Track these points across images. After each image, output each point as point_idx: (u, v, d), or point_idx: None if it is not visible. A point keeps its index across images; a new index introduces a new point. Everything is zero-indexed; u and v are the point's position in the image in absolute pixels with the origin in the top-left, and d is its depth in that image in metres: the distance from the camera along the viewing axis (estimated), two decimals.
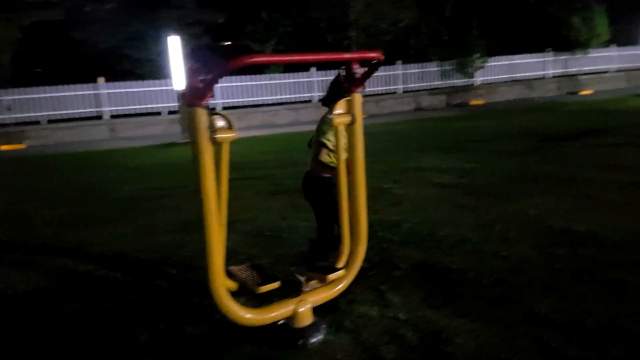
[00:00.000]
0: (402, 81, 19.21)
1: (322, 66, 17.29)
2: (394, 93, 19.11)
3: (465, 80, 19.49)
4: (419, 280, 3.84)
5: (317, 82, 17.69)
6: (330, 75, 17.53)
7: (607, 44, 20.95)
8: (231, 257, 3.71)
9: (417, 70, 19.34)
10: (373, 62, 3.03)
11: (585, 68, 20.84)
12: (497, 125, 12.76)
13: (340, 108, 3.11)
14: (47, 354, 3.19)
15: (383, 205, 5.96)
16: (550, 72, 20.92)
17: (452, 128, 12.95)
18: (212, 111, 2.61)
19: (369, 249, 4.40)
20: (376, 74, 18.88)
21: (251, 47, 18.31)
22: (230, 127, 2.70)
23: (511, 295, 3.48)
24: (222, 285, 2.62)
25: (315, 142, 3.52)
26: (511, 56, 20.31)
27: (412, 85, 19.35)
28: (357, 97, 3.14)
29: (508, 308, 3.32)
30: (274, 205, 6.35)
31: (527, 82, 20.44)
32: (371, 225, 5.25)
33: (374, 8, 16.69)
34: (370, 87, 18.59)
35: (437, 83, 19.53)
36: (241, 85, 17.01)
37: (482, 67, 19.31)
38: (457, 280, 3.80)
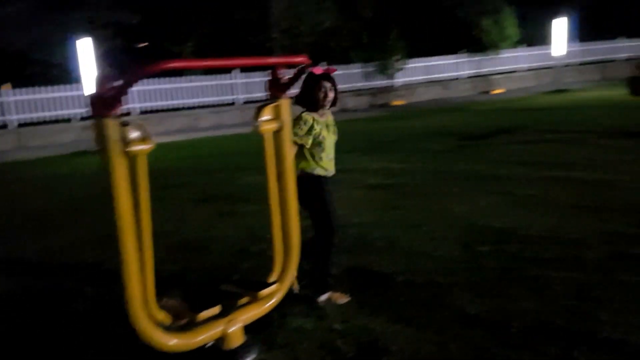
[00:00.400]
0: None
1: (245, 68, 17.02)
2: None
3: (387, 81, 19.94)
4: (352, 286, 3.77)
5: (240, 84, 17.39)
6: (254, 77, 17.32)
7: (516, 45, 22.23)
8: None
9: (340, 72, 19.50)
10: (300, 66, 2.92)
11: (497, 68, 22.00)
12: (418, 125, 13.12)
13: (267, 114, 2.96)
14: None
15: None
16: (465, 72, 21.89)
17: (378, 129, 13.16)
18: (124, 121, 2.37)
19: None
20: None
21: (170, 49, 17.69)
22: (145, 137, 2.47)
23: (442, 297, 3.50)
24: (142, 311, 2.39)
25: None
26: (428, 58, 21.03)
27: (337, 87, 19.45)
28: (285, 103, 3.02)
29: (440, 310, 3.33)
30: (199, 215, 6.08)
31: (444, 83, 21.26)
32: (301, 232, 5.19)
33: (295, 10, 16.65)
34: (294, 88, 18.59)
35: (361, 84, 19.85)
36: (160, 88, 16.37)
37: (402, 69, 19.85)
38: (389, 284, 3.77)
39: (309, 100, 3.47)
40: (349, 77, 19.54)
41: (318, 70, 3.45)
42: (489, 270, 3.88)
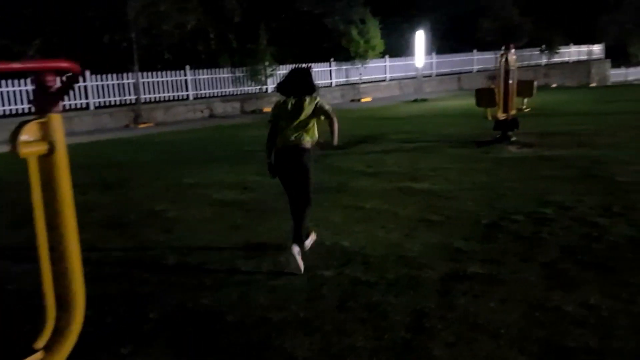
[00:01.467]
0: (192, 87, 18.43)
1: (97, 70, 15.66)
2: (185, 99, 18.24)
3: (258, 87, 19.53)
4: (173, 332, 3.23)
5: (91, 87, 15.97)
6: (106, 81, 15.97)
7: (381, 55, 23.05)
8: None
9: (208, 76, 18.75)
10: (69, 74, 2.31)
11: (365, 77, 22.62)
12: None
13: (28, 134, 2.31)
14: None
15: (149, 235, 5.22)
16: (335, 80, 22.23)
17: (244, 136, 12.65)
18: None
19: (113, 297, 3.65)
20: (164, 78, 17.94)
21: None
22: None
23: (272, 338, 3.09)
24: None
25: (304, 120, 4.18)
26: (300, 65, 21.02)
27: (204, 91, 18.70)
28: (56, 119, 2.39)
29: (268, 355, 2.92)
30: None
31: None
32: (125, 263, 4.52)
33: (155, 8, 15.56)
34: (159, 92, 17.45)
35: (230, 90, 19.22)
36: None
37: (273, 75, 19.58)
38: (217, 325, 3.29)
39: (311, 86, 4.29)
40: (216, 81, 18.84)
41: None
42: (329, 300, 3.57)
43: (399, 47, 24.77)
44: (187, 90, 18.33)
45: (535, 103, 10.25)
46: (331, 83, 22.13)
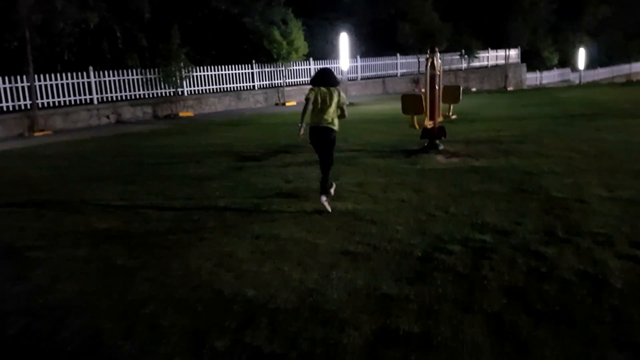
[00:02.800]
0: (97, 90, 16.72)
1: None
2: (89, 104, 16.50)
3: (173, 90, 18.13)
4: None
5: None
6: None
7: (306, 58, 22.27)
8: None
9: (115, 78, 17.10)
10: None
11: (289, 80, 21.75)
12: (199, 141, 11.69)
13: None
14: None
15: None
16: (258, 83, 21.20)
17: (148, 146, 11.34)
18: None
19: None
20: (63, 81, 16.05)
21: None
22: None
23: None
24: None
25: (334, 108, 5.73)
26: (220, 66, 19.80)
27: (111, 94, 17.03)
28: None
29: None
30: None
31: (237, 93, 20.24)
32: None
33: (50, 4, 13.80)
34: (58, 96, 15.63)
35: (141, 93, 17.66)
36: None
37: (188, 77, 18.25)
38: None
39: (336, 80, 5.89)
40: (125, 84, 17.24)
41: None
42: None
43: (323, 50, 24.13)
44: (90, 94, 16.60)
45: (457, 108, 9.79)
46: (254, 86, 21.05)
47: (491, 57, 33.43)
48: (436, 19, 29.20)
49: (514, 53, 35.69)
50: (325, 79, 5.80)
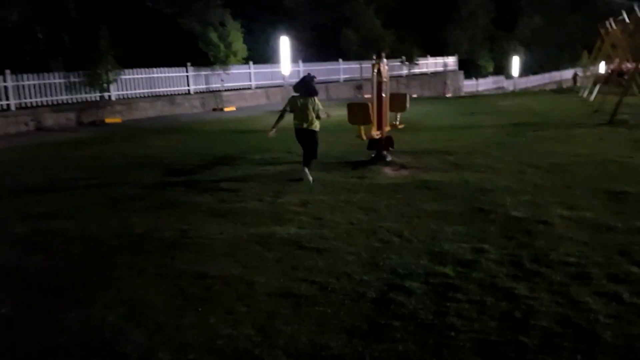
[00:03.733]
0: (15, 95, 15.18)
1: None
2: (6, 110, 14.95)
3: (99, 94, 16.78)
4: None
5: None
6: None
7: (245, 61, 21.38)
8: None
9: (35, 82, 15.60)
10: None
11: (227, 84, 20.78)
12: (124, 151, 10.62)
13: None
14: None
15: None
16: (193, 87, 20.12)
17: (67, 157, 10.17)
18: None
19: None
20: None
21: None
22: None
23: None
24: None
25: (310, 113, 7.12)
26: (150, 69, 18.58)
27: (30, 100, 15.52)
28: None
29: None
30: None
31: (170, 98, 19.07)
32: None
33: None
34: None
35: (64, 97, 16.24)
36: None
37: (116, 81, 16.95)
38: None
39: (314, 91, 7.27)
40: (46, 88, 15.77)
41: None
42: None
43: (264, 54, 23.32)
44: (7, 99, 15.06)
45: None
46: (189, 90, 19.96)
47: (430, 64, 33.80)
48: (379, 26, 29.14)
49: (451, 60, 36.31)
50: (302, 89, 7.17)
